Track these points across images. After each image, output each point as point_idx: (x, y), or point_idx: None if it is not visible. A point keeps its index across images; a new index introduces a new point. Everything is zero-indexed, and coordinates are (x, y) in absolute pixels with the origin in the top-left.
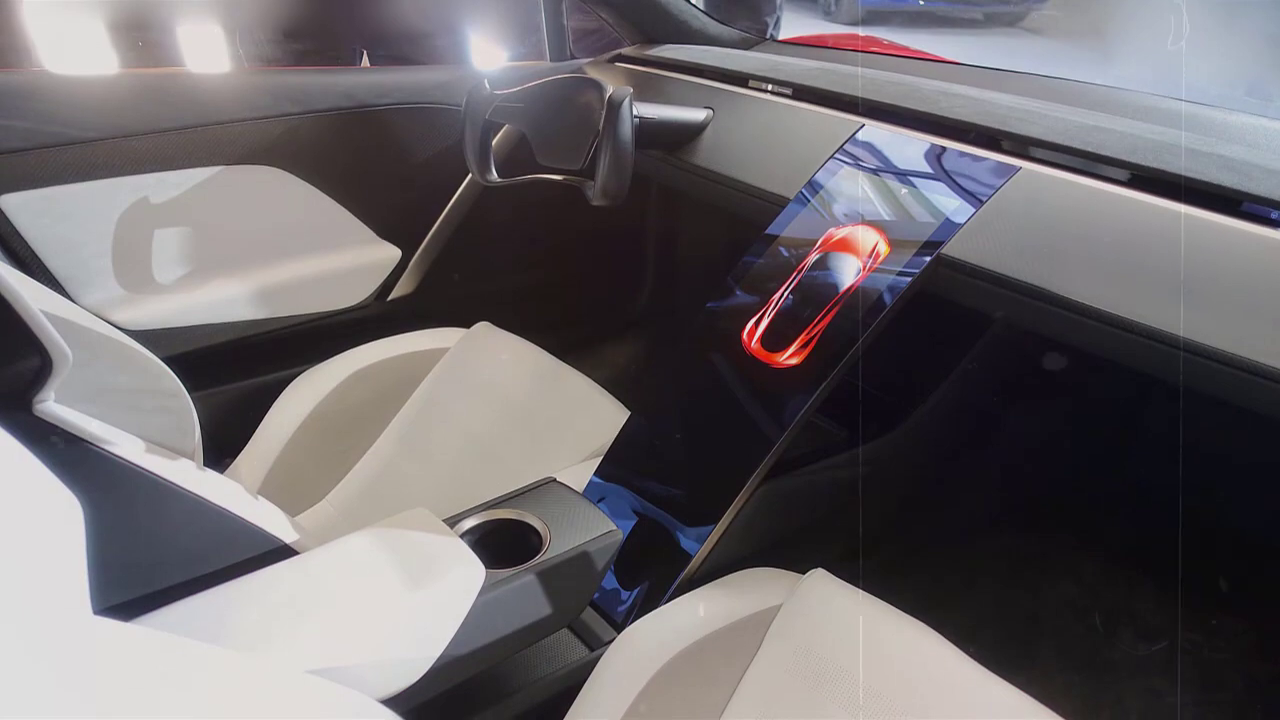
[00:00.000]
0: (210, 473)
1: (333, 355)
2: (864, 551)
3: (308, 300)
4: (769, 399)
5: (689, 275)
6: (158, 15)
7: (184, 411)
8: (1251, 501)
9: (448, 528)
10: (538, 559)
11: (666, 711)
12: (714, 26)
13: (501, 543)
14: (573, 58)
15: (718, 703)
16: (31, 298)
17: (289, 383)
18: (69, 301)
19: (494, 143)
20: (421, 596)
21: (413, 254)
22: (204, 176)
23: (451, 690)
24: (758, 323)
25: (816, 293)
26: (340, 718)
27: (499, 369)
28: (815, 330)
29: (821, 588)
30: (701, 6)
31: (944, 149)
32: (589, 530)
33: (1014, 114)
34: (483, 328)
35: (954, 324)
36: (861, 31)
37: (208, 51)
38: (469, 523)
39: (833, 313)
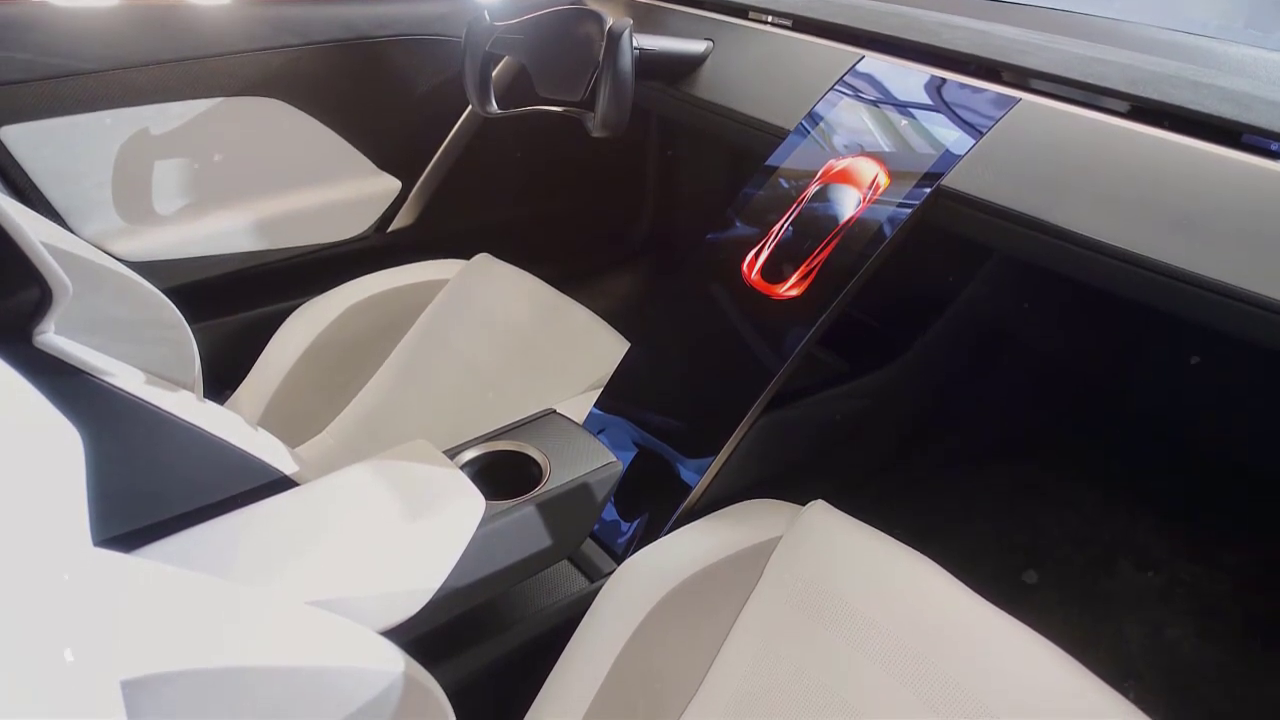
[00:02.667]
0: (210, 404)
1: (333, 287)
2: (863, 483)
3: (308, 232)
4: (769, 331)
5: (689, 207)
6: None
7: (184, 343)
8: (1251, 433)
9: (447, 459)
10: (538, 490)
11: (667, 642)
12: None
13: (501, 474)
14: None
15: (718, 633)
16: (31, 229)
17: (289, 314)
18: (69, 233)
19: (494, 74)
20: (421, 528)
21: (413, 186)
22: (204, 108)
23: (451, 622)
24: (758, 254)
25: (816, 224)
26: (340, 649)
27: (499, 300)
28: (815, 262)
29: (821, 519)
30: None
31: (944, 80)
32: (589, 462)
33: (1014, 45)
34: (483, 259)
35: (954, 256)
36: None
37: None
38: (469, 454)
39: (833, 244)
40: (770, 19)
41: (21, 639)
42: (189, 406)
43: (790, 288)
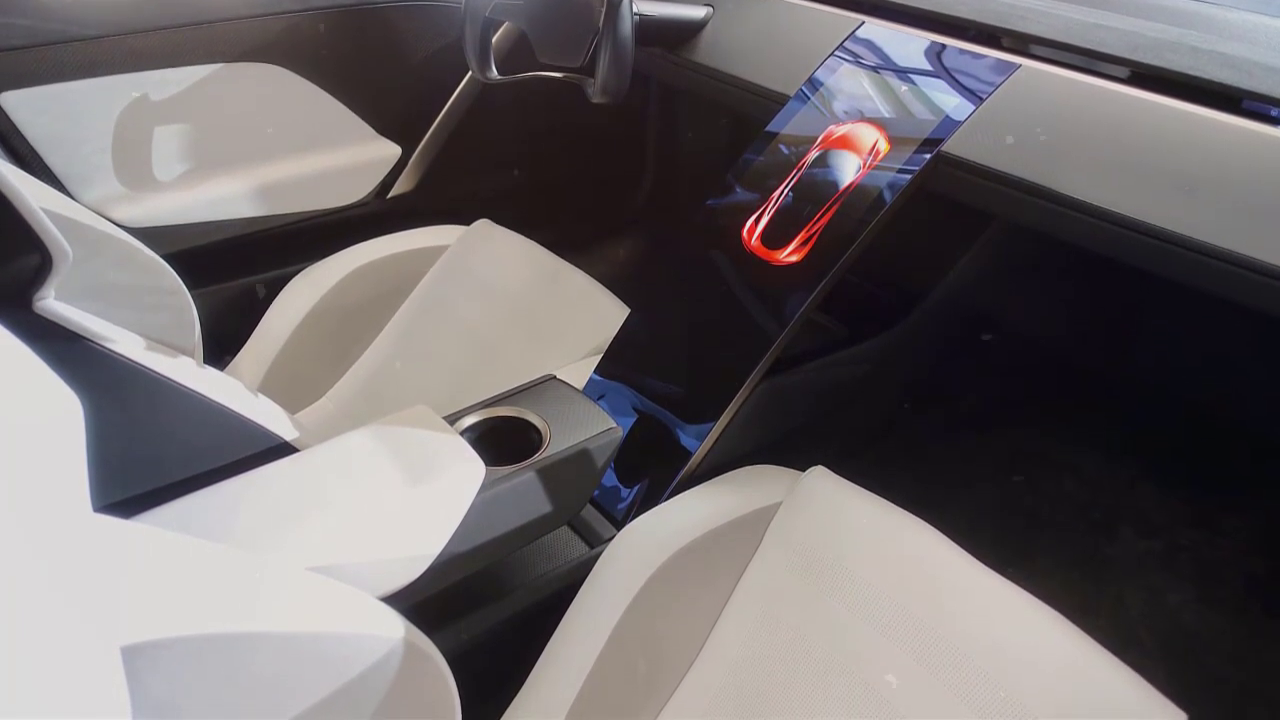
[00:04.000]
0: (210, 370)
1: (333, 253)
2: (864, 448)
3: (308, 198)
4: (769, 296)
5: (689, 173)
6: None
7: (184, 309)
8: (1251, 399)
9: (448, 425)
10: (538, 456)
11: (667, 608)
12: None
13: (501, 440)
14: None
15: (718, 599)
16: (32, 195)
17: (289, 280)
18: (69, 199)
19: (494, 40)
20: (422, 494)
21: (413, 151)
22: (205, 74)
23: (451, 587)
24: (758, 220)
25: (817, 190)
26: (340, 615)
27: (499, 266)
28: (815, 228)
29: (821, 484)
30: None
31: (944, 46)
32: (589, 428)
33: (1014, 11)
34: (483, 225)
35: (954, 221)
36: None
37: None
38: (469, 420)
39: (833, 210)
40: None
41: (21, 605)
42: (189, 372)
43: (790, 253)
